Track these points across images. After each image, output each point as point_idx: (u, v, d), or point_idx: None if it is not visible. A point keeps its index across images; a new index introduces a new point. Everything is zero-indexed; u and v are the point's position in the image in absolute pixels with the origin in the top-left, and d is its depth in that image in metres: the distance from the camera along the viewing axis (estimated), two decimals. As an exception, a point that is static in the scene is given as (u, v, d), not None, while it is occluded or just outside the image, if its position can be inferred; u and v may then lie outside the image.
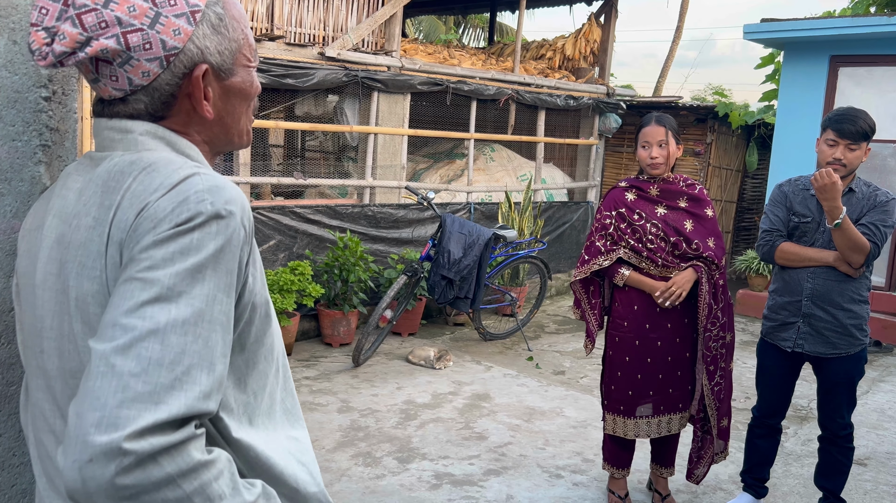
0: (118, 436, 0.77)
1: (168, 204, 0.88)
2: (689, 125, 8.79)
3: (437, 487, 3.47)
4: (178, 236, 0.87)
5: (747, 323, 7.08)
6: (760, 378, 3.27)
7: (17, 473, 1.27)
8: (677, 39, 17.63)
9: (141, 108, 0.99)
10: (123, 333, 0.82)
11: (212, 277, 0.88)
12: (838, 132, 2.90)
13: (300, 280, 5.14)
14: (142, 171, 0.94)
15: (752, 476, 3.34)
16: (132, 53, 0.95)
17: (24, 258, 1.05)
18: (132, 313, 0.83)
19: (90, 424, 0.78)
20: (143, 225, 0.88)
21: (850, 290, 3.00)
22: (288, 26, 5.59)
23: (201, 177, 0.92)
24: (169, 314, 0.84)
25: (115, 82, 0.97)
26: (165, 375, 0.82)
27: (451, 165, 7.40)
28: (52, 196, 1.03)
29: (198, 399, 0.83)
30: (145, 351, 0.82)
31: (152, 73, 0.97)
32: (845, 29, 6.72)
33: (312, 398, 4.51)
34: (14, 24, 1.18)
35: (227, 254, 0.90)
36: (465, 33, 17.55)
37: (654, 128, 3.05)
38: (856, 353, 3.05)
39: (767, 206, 3.20)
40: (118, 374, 0.80)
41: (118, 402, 0.79)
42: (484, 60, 7.55)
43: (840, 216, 2.84)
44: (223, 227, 0.89)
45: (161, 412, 0.80)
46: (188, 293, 0.85)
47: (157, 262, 0.85)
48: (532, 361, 5.55)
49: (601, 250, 3.17)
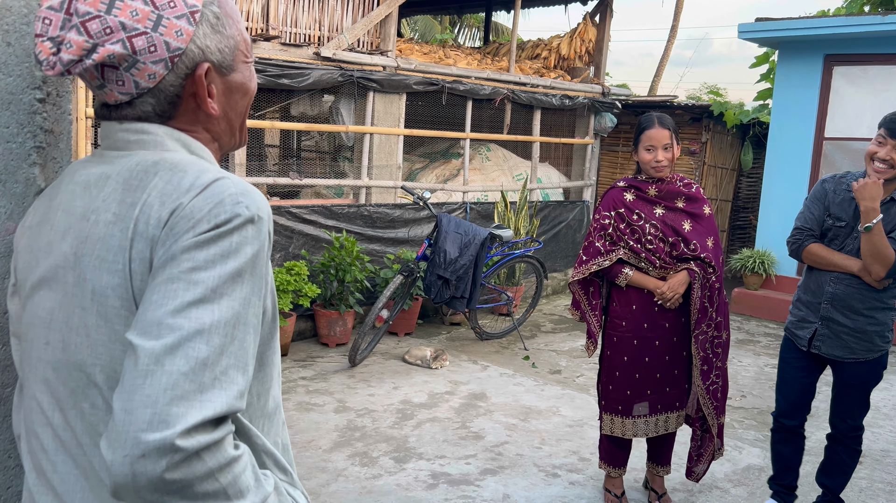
0: (171, 434, 0.81)
1: (204, 204, 0.91)
2: (684, 124, 8.81)
3: (433, 487, 3.47)
4: (219, 238, 0.90)
5: (742, 321, 7.10)
6: (780, 373, 3.20)
7: (13, 475, 1.27)
8: (672, 38, 17.66)
9: (148, 110, 1.01)
10: (171, 332, 0.85)
11: (249, 281, 0.92)
12: (890, 131, 2.76)
13: (296, 280, 5.14)
14: (168, 170, 0.96)
15: (778, 482, 3.26)
16: (138, 57, 0.97)
17: (24, 254, 1.06)
18: (179, 313, 0.86)
19: (142, 420, 0.81)
20: (179, 224, 0.90)
21: (873, 298, 2.91)
22: (283, 26, 5.58)
23: (231, 180, 0.95)
24: (213, 315, 0.87)
25: (121, 86, 0.99)
26: (209, 375, 0.85)
27: (446, 165, 7.40)
28: (58, 193, 1.04)
29: (236, 398, 0.88)
30: (192, 350, 0.85)
31: (158, 74, 0.99)
32: (839, 28, 6.73)
33: (309, 398, 4.51)
34: (8, 27, 1.18)
35: (261, 258, 0.94)
36: (460, 33, 17.55)
37: (659, 131, 3.03)
38: (875, 359, 2.98)
39: (807, 200, 3.09)
40: (168, 373, 0.83)
41: (168, 400, 0.82)
42: (479, 60, 7.56)
43: (874, 220, 2.75)
44: (257, 231, 0.93)
45: (207, 410, 0.84)
46: (229, 296, 0.89)
47: (200, 264, 0.88)
48: (528, 360, 5.55)
49: (601, 251, 3.17)
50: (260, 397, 1.06)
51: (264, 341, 1.05)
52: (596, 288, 3.29)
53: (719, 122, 8.79)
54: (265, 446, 1.04)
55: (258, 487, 0.91)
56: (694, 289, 3.07)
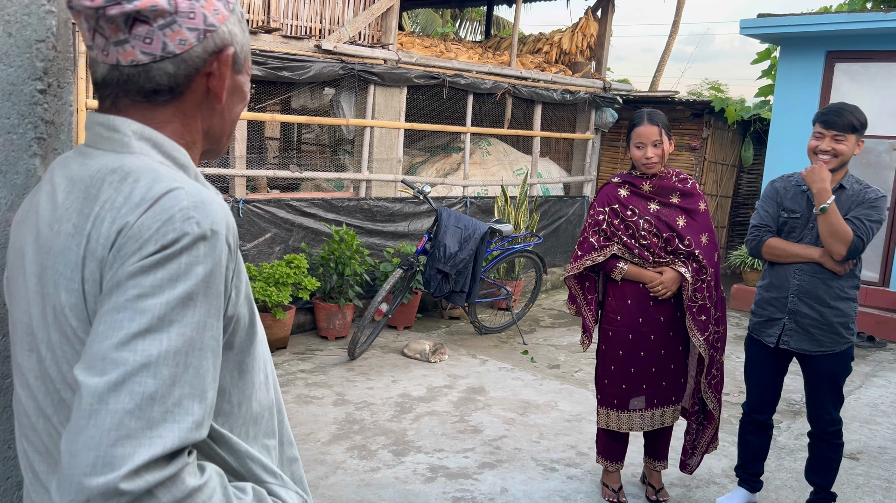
0: (114, 478, 0.77)
1: (152, 222, 0.85)
2: (685, 120, 8.80)
3: (431, 480, 3.48)
4: (166, 261, 0.84)
5: (741, 317, 7.11)
6: (748, 373, 3.30)
7: (13, 465, 1.27)
8: (674, 34, 17.61)
9: (163, 81, 0.96)
10: (115, 367, 0.81)
11: (202, 303, 0.86)
12: (823, 124, 2.95)
13: (296, 273, 5.14)
14: (122, 180, 0.90)
15: (746, 471, 3.36)
16: (177, 17, 0.93)
17: (11, 252, 1.03)
18: (123, 346, 0.81)
19: (86, 464, 0.78)
20: (126, 245, 0.85)
21: (837, 288, 3.01)
22: (284, 19, 5.57)
23: (185, 191, 0.89)
24: (160, 346, 0.82)
25: (147, 45, 0.93)
26: (158, 409, 0.81)
27: (447, 159, 7.40)
28: (38, 191, 1.01)
29: (190, 430, 0.83)
30: (138, 386, 0.80)
31: (188, 42, 0.95)
32: (841, 25, 6.72)
33: (308, 391, 4.51)
34: (9, 17, 1.18)
35: (215, 277, 0.88)
36: (461, 27, 17.51)
37: (648, 127, 3.05)
38: (841, 351, 3.06)
39: (759, 202, 3.23)
40: (111, 412, 0.79)
41: (112, 441, 0.78)
42: (481, 54, 7.54)
43: (828, 201, 2.87)
44: (210, 249, 0.87)
45: (155, 447, 0.80)
46: (179, 322, 0.84)
47: (147, 291, 0.83)
48: (527, 355, 5.56)
49: (594, 246, 3.18)
50: (241, 405, 1.03)
51: (242, 349, 1.01)
52: (591, 282, 3.31)
53: (720, 118, 8.78)
54: (248, 452, 1.01)
55: None
56: (686, 287, 3.09)
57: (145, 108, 0.97)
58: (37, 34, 1.22)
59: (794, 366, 3.40)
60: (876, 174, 6.77)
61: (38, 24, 1.23)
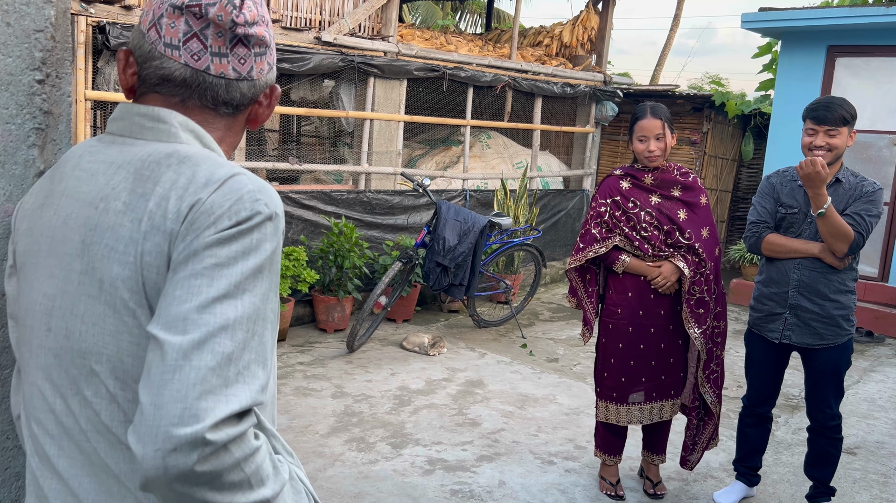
0: (201, 428, 0.83)
1: (224, 200, 0.94)
2: (685, 114, 8.78)
3: (430, 473, 3.49)
4: (241, 235, 0.93)
5: (740, 312, 7.11)
6: (749, 367, 3.30)
7: (11, 456, 1.27)
8: (675, 28, 17.58)
9: (236, 96, 1.08)
10: (197, 328, 0.87)
11: (268, 277, 0.95)
12: (815, 120, 2.94)
13: (295, 265, 5.14)
14: (181, 163, 0.98)
15: (744, 464, 3.37)
16: (269, 49, 1.10)
17: (25, 237, 1.06)
18: (204, 309, 0.88)
19: (173, 415, 0.84)
20: (200, 219, 0.92)
21: (837, 281, 3.01)
22: (284, 10, 5.55)
23: (247, 176, 0.98)
24: (236, 311, 0.90)
25: (240, 65, 1.06)
26: (233, 369, 0.88)
27: (447, 152, 7.39)
28: (63, 178, 1.05)
29: (258, 392, 0.91)
30: (218, 346, 0.87)
31: (265, 72, 1.10)
32: (843, 19, 6.70)
33: (306, 383, 4.52)
34: (7, 6, 1.17)
35: (277, 254, 0.98)
36: (462, 19, 17.45)
37: (651, 121, 3.05)
38: (842, 344, 3.07)
39: (756, 197, 3.22)
40: (196, 368, 0.86)
41: (198, 395, 0.85)
42: (481, 47, 7.52)
43: (825, 205, 2.85)
44: (274, 229, 0.97)
45: (233, 404, 0.87)
46: (251, 291, 0.92)
47: (223, 261, 0.91)
48: (526, 349, 5.57)
49: (597, 238, 3.18)
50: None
51: None
52: (592, 275, 3.30)
53: (721, 112, 8.76)
54: (272, 430, 1.07)
55: (276, 475, 0.95)
56: (684, 280, 3.09)
57: (208, 113, 1.08)
58: (35, 24, 1.22)
59: (791, 361, 3.40)
60: (876, 169, 6.76)
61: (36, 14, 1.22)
